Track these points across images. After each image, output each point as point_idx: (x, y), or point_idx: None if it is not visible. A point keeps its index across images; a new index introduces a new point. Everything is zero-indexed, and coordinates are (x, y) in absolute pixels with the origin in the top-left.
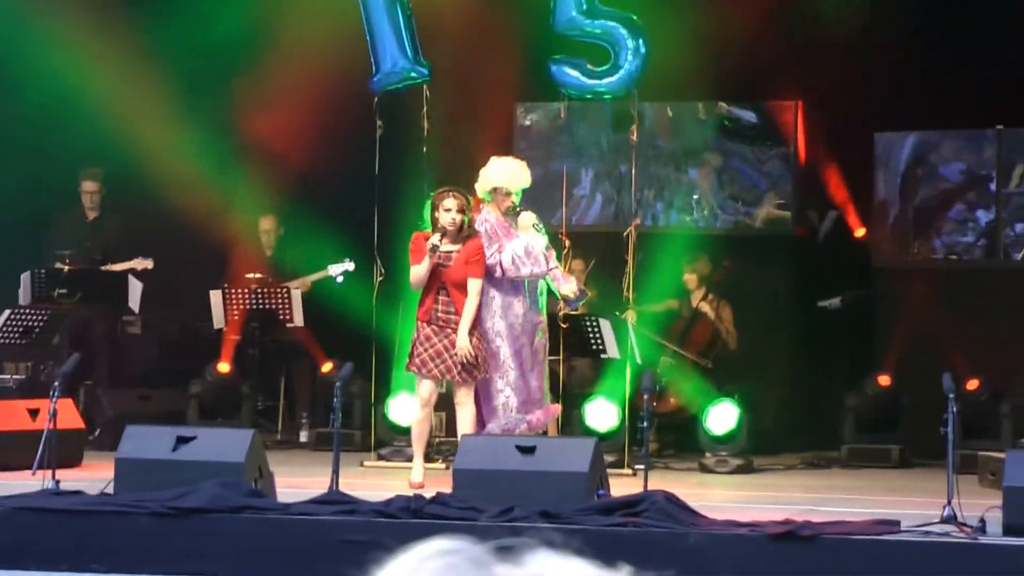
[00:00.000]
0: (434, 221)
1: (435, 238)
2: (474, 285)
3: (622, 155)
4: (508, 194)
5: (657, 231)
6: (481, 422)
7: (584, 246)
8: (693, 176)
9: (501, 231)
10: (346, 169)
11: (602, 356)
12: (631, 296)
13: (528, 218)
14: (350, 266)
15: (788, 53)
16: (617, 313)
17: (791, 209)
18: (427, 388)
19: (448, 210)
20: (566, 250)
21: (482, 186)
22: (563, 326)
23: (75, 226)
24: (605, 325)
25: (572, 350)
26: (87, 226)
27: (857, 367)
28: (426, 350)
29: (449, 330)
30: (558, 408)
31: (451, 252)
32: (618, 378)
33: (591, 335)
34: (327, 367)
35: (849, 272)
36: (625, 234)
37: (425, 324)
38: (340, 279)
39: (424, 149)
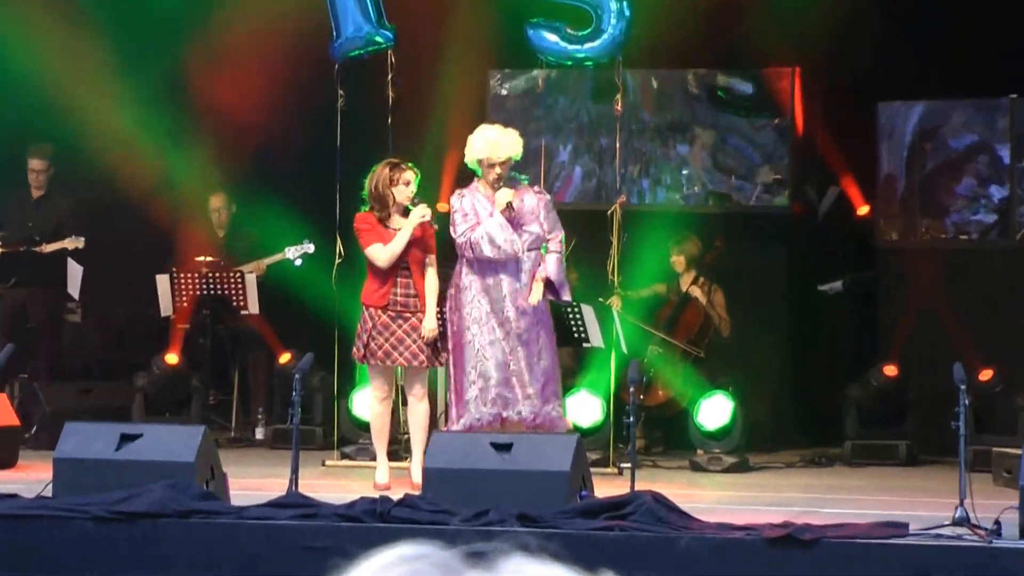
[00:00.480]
0: (379, 197)
1: (422, 209)
2: (433, 260)
3: (604, 127)
4: (492, 165)
5: (643, 209)
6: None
7: (564, 225)
8: (683, 152)
9: (482, 207)
10: (305, 142)
11: (584, 345)
12: (616, 280)
13: (504, 195)
14: (309, 248)
15: (784, 15)
16: (600, 299)
17: (788, 185)
18: (385, 380)
19: (408, 184)
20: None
21: (468, 157)
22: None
23: (20, 206)
24: (587, 312)
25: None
26: (31, 206)
27: (861, 356)
28: (387, 339)
29: (408, 314)
30: (567, 423)
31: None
32: (602, 369)
33: (572, 323)
34: (285, 358)
35: (851, 253)
36: (609, 212)
37: (380, 310)
38: (299, 262)
39: (389, 121)
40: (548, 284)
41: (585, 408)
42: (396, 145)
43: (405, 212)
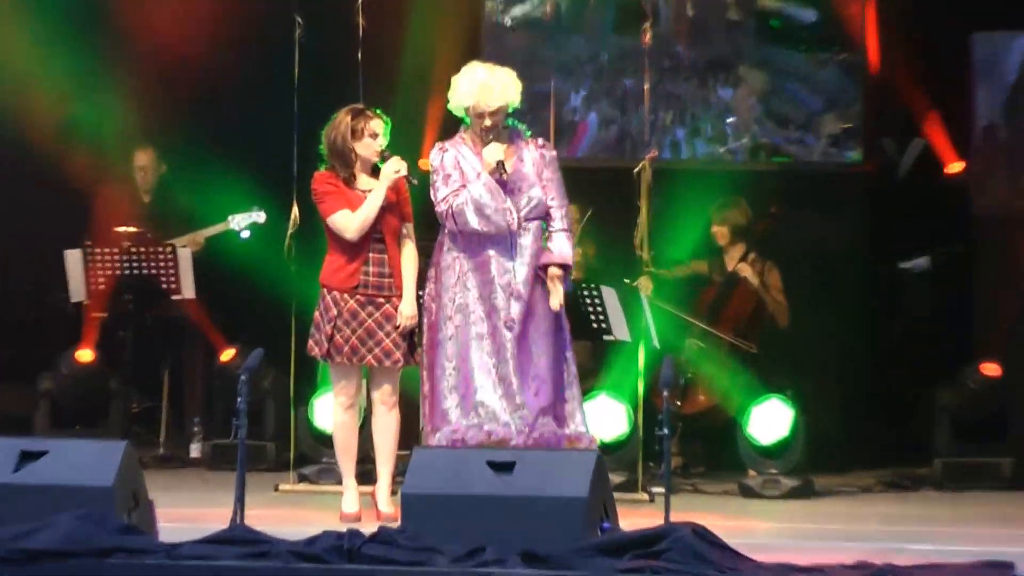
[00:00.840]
0: (340, 152)
1: (395, 163)
2: (410, 231)
3: (628, 66)
4: (481, 115)
5: (678, 166)
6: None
7: (577, 187)
8: (726, 96)
9: (469, 166)
10: (253, 84)
11: (606, 339)
12: (645, 256)
13: (493, 152)
14: (259, 216)
15: None
16: (626, 280)
17: (859, 137)
18: (352, 381)
19: (375, 136)
20: (580, 220)
21: (452, 102)
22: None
23: None
24: (610, 296)
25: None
26: None
27: (953, 352)
28: (354, 331)
29: (381, 299)
30: (594, 440)
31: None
32: (628, 368)
33: (591, 310)
34: (228, 354)
35: (940, 222)
36: (636, 170)
37: (346, 294)
38: (246, 234)
39: (359, 56)
40: (564, 270)
41: (607, 417)
42: (367, 89)
43: (375, 171)
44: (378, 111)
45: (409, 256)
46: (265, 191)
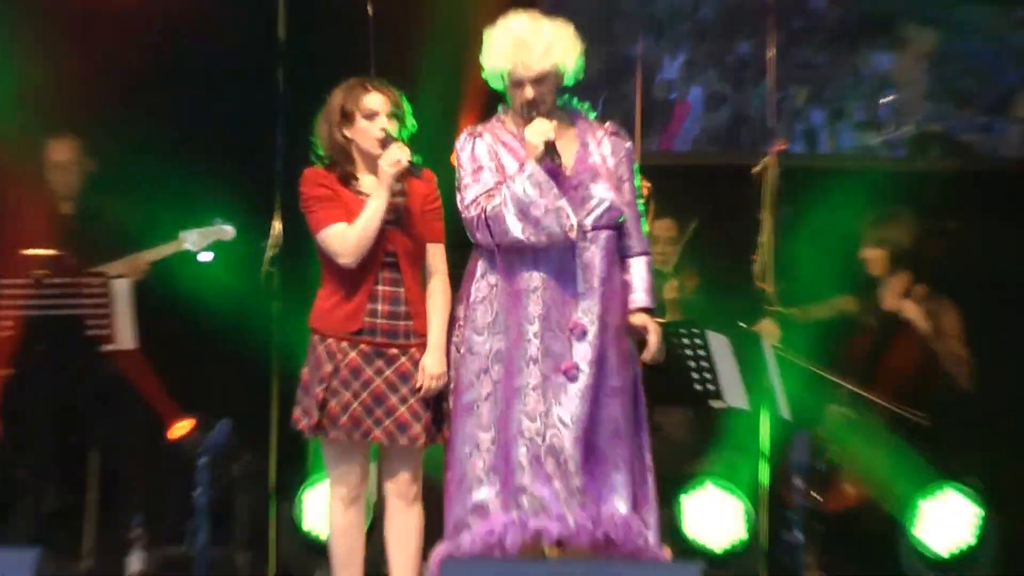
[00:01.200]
0: (336, 143)
1: (394, 152)
2: (438, 254)
3: (744, 25)
4: (519, 83)
5: (815, 164)
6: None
7: (673, 193)
8: (884, 64)
9: (510, 158)
10: (221, 50)
11: (713, 405)
12: (770, 289)
13: (539, 129)
14: (224, 232)
15: None
16: (742, 324)
17: None
18: (355, 466)
19: (374, 116)
20: (644, 198)
21: (487, 70)
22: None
23: None
24: (719, 346)
25: (655, 392)
26: None
27: None
28: (356, 395)
29: (395, 349)
30: (666, 553)
31: (394, 198)
32: (745, 448)
33: (692, 365)
34: (181, 428)
35: None
36: (756, 169)
37: (347, 342)
38: (206, 257)
39: (369, 10)
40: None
41: (715, 516)
42: (383, 58)
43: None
44: (381, 82)
45: (437, 290)
46: (234, 197)
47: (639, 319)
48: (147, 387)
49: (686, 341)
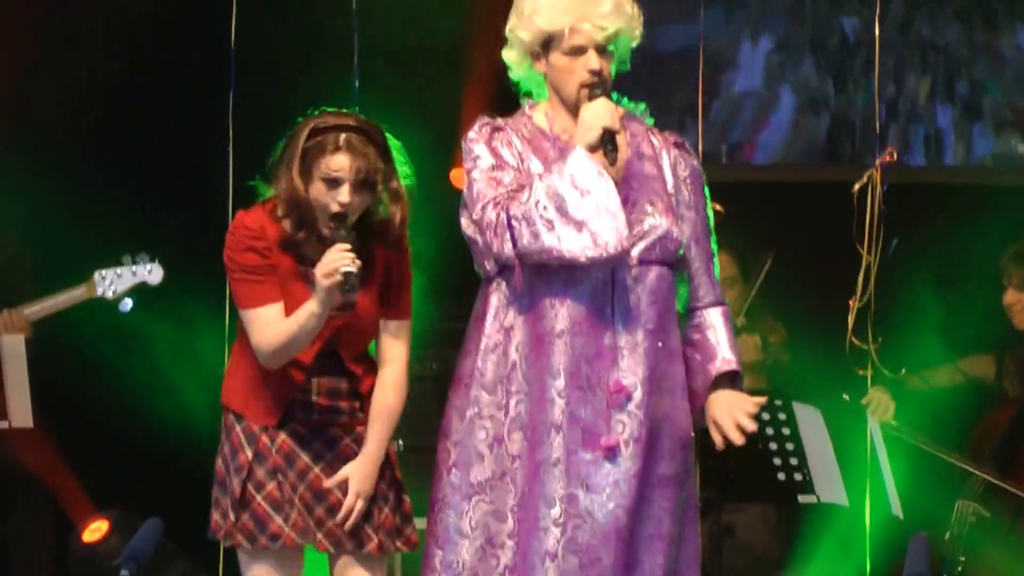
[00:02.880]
0: (294, 194)
1: (339, 259)
2: (403, 333)
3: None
4: (581, 49)
5: (937, 179)
6: None
7: (751, 218)
8: None
9: (535, 159)
10: (155, 61)
11: (802, 500)
12: (873, 345)
13: (600, 111)
14: (150, 273)
15: None
16: (845, 396)
17: None
18: None
19: (337, 182)
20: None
21: (524, 40)
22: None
23: None
24: (810, 421)
25: (726, 484)
26: None
27: None
28: (293, 488)
29: (337, 429)
30: None
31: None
32: (845, 554)
33: (774, 448)
34: (96, 530)
35: None
36: (857, 186)
37: (270, 424)
38: (127, 305)
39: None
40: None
41: None
42: (365, 51)
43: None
44: (358, 136)
45: (390, 383)
46: (166, 225)
47: (737, 397)
48: (51, 477)
49: (767, 417)
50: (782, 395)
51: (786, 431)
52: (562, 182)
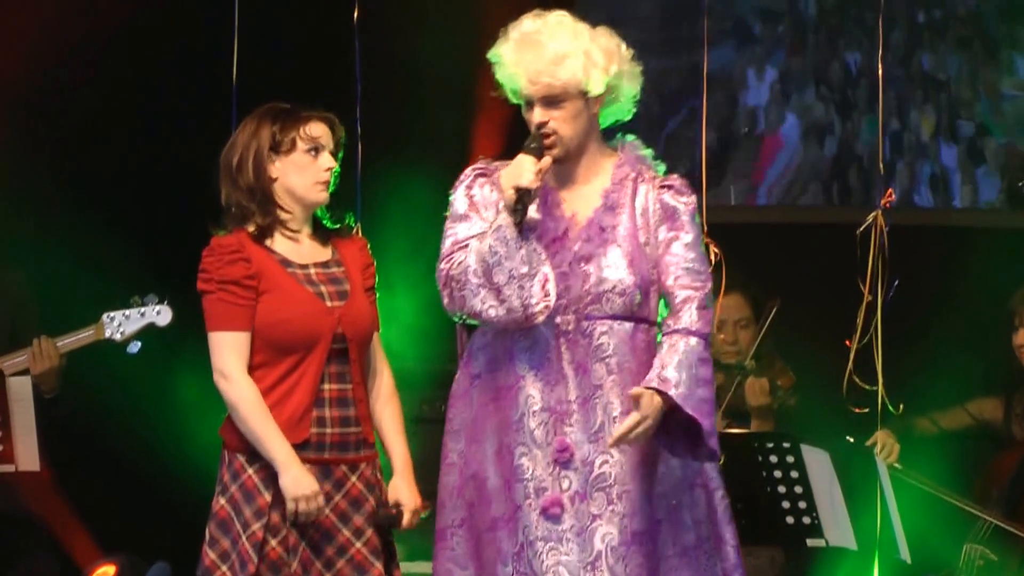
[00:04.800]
0: (253, 186)
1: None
2: (379, 344)
3: (853, 21)
4: (529, 102)
5: (942, 222)
6: None
7: (754, 260)
8: None
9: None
10: (167, 84)
11: (810, 544)
12: (881, 389)
13: (514, 171)
14: (158, 315)
15: None
16: (849, 439)
17: None
18: None
19: (319, 148)
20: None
21: (508, 86)
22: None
23: None
24: (818, 464)
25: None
26: None
27: None
28: (303, 532)
29: (344, 467)
30: None
31: (330, 266)
32: None
33: (782, 491)
34: (102, 574)
35: None
36: (861, 229)
37: (299, 439)
38: (135, 347)
39: (355, 14)
40: (690, 429)
41: None
42: (368, 74)
43: (322, 229)
44: (323, 112)
45: (391, 395)
46: (173, 269)
47: (638, 392)
48: (56, 521)
49: (775, 459)
50: (790, 438)
51: (794, 474)
52: (484, 247)
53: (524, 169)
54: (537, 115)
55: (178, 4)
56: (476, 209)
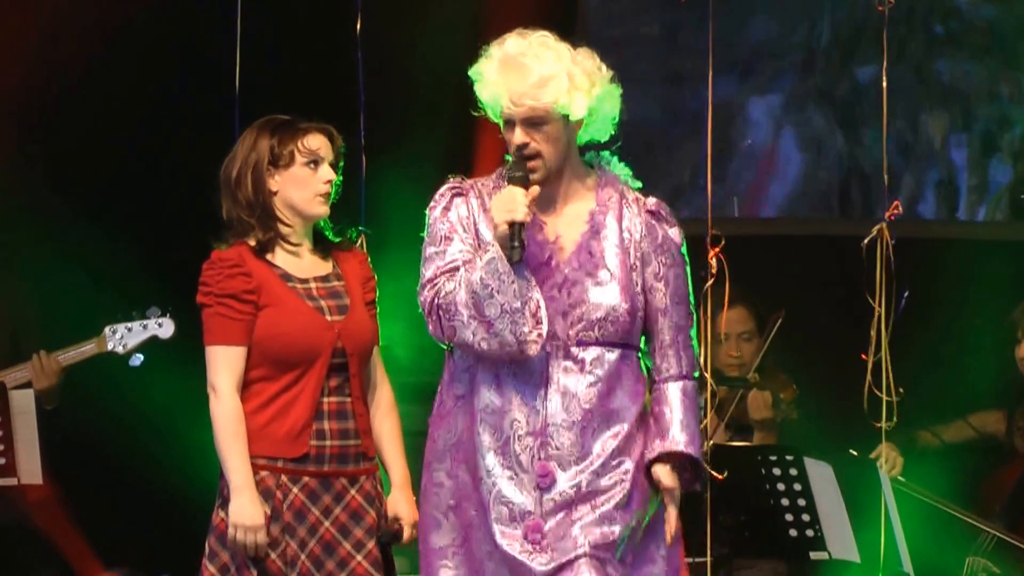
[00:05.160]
0: (253, 200)
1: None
2: (379, 357)
3: (861, 41)
4: (511, 123)
5: (948, 234)
6: None
7: (758, 273)
8: None
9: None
10: (167, 92)
11: (813, 557)
12: (889, 398)
13: (505, 203)
14: (161, 327)
15: None
16: (853, 452)
17: None
18: None
19: (318, 160)
20: (710, 278)
21: (489, 105)
22: (716, 477)
23: None
24: (821, 478)
25: (736, 539)
26: None
27: None
28: (303, 544)
29: (344, 480)
30: None
31: (331, 280)
32: None
33: (785, 503)
34: None
35: None
36: (866, 240)
37: (286, 472)
38: (138, 359)
39: (358, 26)
40: (688, 463)
41: None
42: (371, 84)
43: (324, 242)
44: (322, 124)
45: (390, 406)
46: (176, 280)
47: (661, 473)
48: (60, 534)
49: (778, 472)
50: (793, 450)
51: (797, 487)
52: (475, 279)
53: (516, 203)
54: (518, 136)
55: (180, 14)
56: (456, 230)
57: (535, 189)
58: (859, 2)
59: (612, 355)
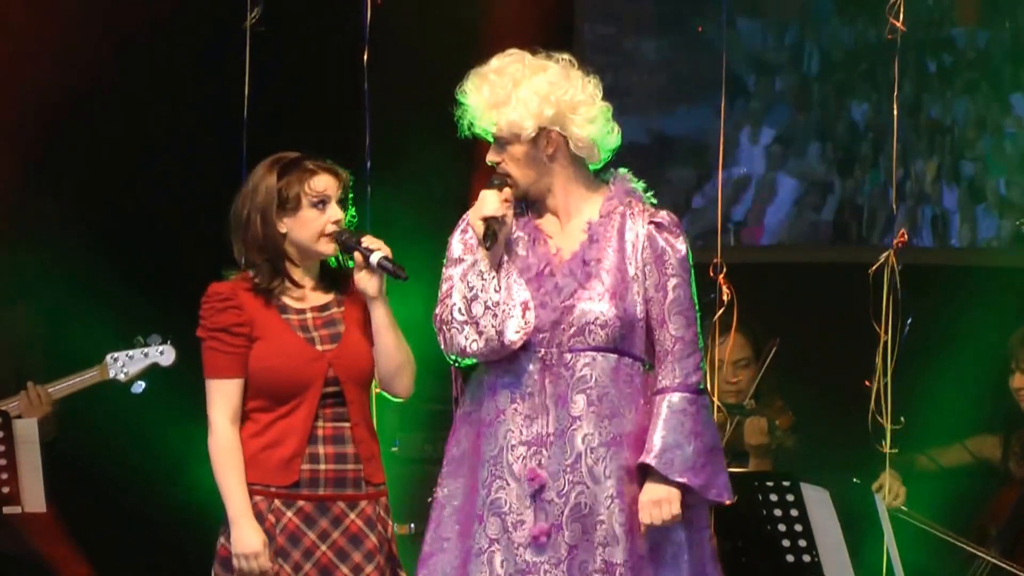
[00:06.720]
0: (262, 243)
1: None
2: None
3: (864, 66)
4: (499, 143)
5: (947, 261)
6: None
7: (752, 295)
8: None
9: (536, 256)
10: (171, 109)
11: None
12: (886, 423)
13: (479, 205)
14: (162, 355)
15: None
16: (856, 480)
17: None
18: None
19: (325, 200)
20: (720, 305)
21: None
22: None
23: None
24: (819, 504)
25: (732, 566)
26: None
27: None
28: (296, 567)
29: (343, 503)
30: None
31: (329, 308)
32: None
33: (782, 528)
34: None
35: None
36: (872, 269)
37: (279, 497)
38: (139, 387)
39: (365, 53)
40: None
41: None
42: (377, 107)
43: (330, 273)
44: (328, 162)
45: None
46: (177, 308)
47: (648, 491)
48: (64, 563)
49: (773, 499)
50: (790, 476)
51: (794, 512)
52: (464, 283)
53: (487, 202)
54: (490, 154)
55: (188, 40)
56: (471, 251)
57: (508, 191)
58: (856, 34)
59: (606, 362)
